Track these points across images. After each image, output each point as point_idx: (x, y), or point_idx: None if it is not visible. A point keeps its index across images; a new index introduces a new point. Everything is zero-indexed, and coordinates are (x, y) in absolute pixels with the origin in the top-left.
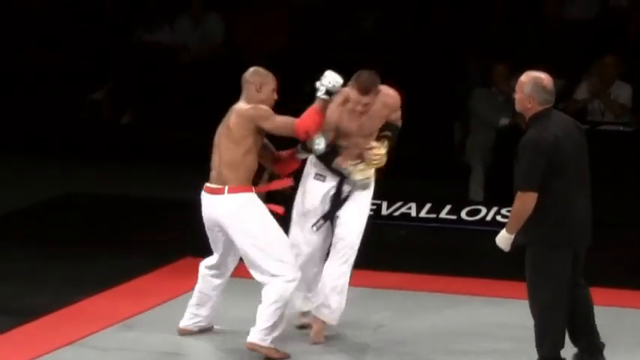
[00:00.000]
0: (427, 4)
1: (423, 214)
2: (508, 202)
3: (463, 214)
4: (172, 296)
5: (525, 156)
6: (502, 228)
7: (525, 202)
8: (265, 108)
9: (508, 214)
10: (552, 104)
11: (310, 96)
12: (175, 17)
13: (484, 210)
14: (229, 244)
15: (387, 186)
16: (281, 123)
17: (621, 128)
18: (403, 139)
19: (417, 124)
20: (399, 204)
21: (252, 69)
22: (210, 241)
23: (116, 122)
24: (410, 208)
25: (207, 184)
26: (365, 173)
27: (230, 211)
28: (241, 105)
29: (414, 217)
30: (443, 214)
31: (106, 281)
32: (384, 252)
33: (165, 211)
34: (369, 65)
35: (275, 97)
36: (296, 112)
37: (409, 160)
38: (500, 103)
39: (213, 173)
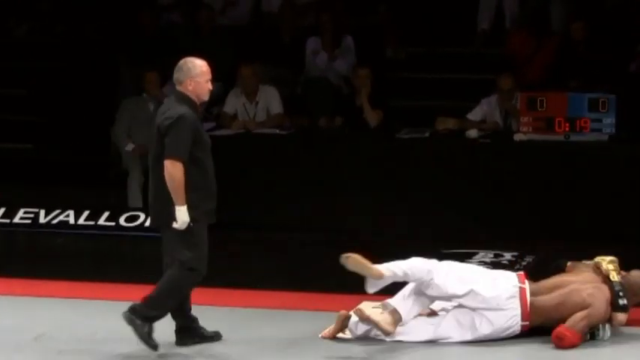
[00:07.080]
0: (80, 14)
1: (81, 221)
2: None
3: (122, 221)
4: None
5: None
6: None
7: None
8: None
9: None
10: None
11: None
12: None
13: (142, 216)
14: None
15: (45, 194)
16: None
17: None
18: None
19: (73, 131)
20: (57, 212)
21: None
22: None
23: None
24: (68, 215)
25: None
26: None
27: None
28: None
29: (72, 225)
30: (101, 221)
31: None
32: (43, 260)
33: None
34: (22, 73)
35: None
36: None
37: (65, 168)
38: (152, 111)
39: None
